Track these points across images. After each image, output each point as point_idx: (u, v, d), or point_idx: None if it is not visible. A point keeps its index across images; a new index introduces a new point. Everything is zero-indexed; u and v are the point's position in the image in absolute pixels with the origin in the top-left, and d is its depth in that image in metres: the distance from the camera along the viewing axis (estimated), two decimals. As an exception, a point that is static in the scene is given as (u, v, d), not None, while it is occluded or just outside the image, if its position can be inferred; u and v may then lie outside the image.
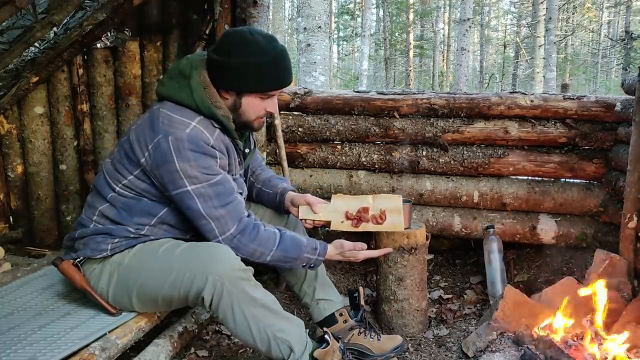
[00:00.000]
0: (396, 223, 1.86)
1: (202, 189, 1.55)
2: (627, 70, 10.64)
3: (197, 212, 1.56)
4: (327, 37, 6.36)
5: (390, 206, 1.89)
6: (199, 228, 1.59)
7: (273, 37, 1.62)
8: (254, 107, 1.66)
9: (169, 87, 1.62)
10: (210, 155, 1.56)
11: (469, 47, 12.11)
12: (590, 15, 20.46)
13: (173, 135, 1.52)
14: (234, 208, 1.60)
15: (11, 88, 2.57)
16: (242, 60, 1.56)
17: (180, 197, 1.56)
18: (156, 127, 1.55)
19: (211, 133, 1.57)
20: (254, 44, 1.56)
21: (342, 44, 25.55)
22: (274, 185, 1.98)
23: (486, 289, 2.48)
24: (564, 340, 1.80)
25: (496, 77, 17.84)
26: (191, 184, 1.54)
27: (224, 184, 1.59)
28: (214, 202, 1.56)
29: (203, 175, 1.54)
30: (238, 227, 1.59)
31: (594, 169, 2.54)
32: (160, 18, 2.77)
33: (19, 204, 2.83)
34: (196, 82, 1.58)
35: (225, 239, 1.58)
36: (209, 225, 1.57)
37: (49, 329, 1.57)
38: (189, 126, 1.54)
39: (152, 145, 1.54)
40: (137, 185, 1.61)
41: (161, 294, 1.57)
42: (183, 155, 1.51)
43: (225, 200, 1.58)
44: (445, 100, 2.64)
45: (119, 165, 1.63)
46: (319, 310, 1.99)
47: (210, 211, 1.56)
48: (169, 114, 1.56)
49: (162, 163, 1.53)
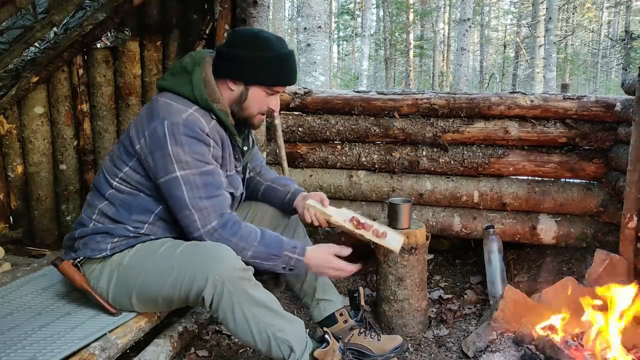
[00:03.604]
0: (393, 244, 1.87)
1: (191, 176, 1.54)
2: (627, 70, 10.63)
3: (181, 201, 1.55)
4: (327, 37, 6.36)
5: (393, 233, 1.93)
6: (181, 220, 1.58)
7: (283, 39, 1.69)
8: (258, 100, 1.68)
9: (169, 80, 1.66)
10: (204, 143, 1.56)
11: (469, 47, 12.11)
12: (590, 15, 20.47)
13: (169, 120, 1.54)
14: (219, 202, 1.59)
15: (11, 88, 2.57)
16: (254, 53, 1.61)
17: (168, 184, 1.55)
18: (154, 114, 1.58)
19: (207, 122, 1.59)
20: (265, 40, 1.63)
21: (342, 44, 25.56)
22: (284, 184, 2.00)
23: (486, 289, 2.48)
24: (564, 340, 1.80)
25: (496, 77, 17.86)
26: (181, 169, 1.53)
27: (213, 176, 1.58)
28: (200, 192, 1.55)
29: (194, 162, 1.54)
30: (220, 221, 1.57)
31: (594, 169, 2.54)
32: (160, 18, 2.77)
33: (19, 204, 2.83)
34: (198, 77, 1.61)
35: (206, 233, 1.56)
36: (192, 216, 1.55)
37: (49, 329, 1.57)
38: (186, 112, 1.56)
39: (149, 131, 1.56)
40: (132, 177, 1.62)
41: (161, 294, 1.57)
42: (177, 139, 1.52)
43: (212, 192, 1.57)
44: (445, 100, 2.64)
45: (116, 159, 1.65)
46: (319, 310, 1.99)
47: (195, 202, 1.54)
48: (167, 101, 1.60)
49: (156, 148, 1.54)
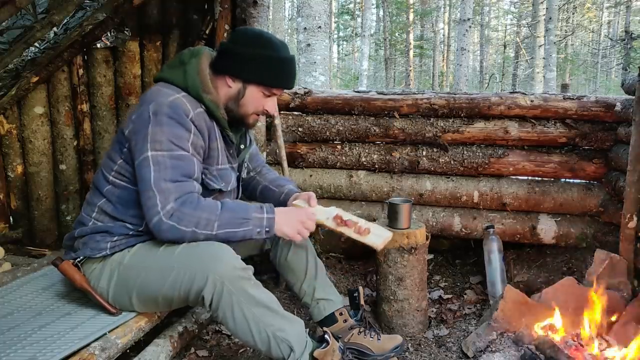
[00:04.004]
0: (375, 242, 1.83)
1: (161, 157, 1.51)
2: (627, 70, 10.63)
3: (147, 182, 1.50)
4: (327, 37, 6.36)
5: (379, 231, 1.90)
6: (145, 203, 1.52)
7: (286, 44, 1.69)
8: (255, 100, 1.69)
9: (165, 71, 1.69)
10: (185, 127, 1.55)
11: (469, 47, 12.11)
12: (590, 15, 20.47)
13: (155, 102, 1.55)
14: (182, 187, 1.53)
15: (11, 88, 2.57)
16: (256, 52, 1.62)
17: (140, 165, 1.53)
18: (143, 100, 1.60)
19: (194, 107, 1.58)
20: (268, 41, 1.64)
21: (342, 44, 25.55)
22: (280, 185, 2.00)
23: (486, 289, 2.48)
24: (564, 340, 1.80)
25: (496, 77, 17.85)
26: (152, 149, 1.51)
27: (184, 161, 1.55)
28: (166, 173, 1.51)
29: (168, 143, 1.52)
30: (178, 201, 1.51)
31: (594, 169, 2.54)
32: (160, 18, 2.77)
33: (19, 204, 2.83)
34: (192, 68, 1.63)
35: (165, 214, 1.49)
36: (153, 198, 1.49)
37: (49, 329, 1.57)
38: (173, 96, 1.57)
39: (136, 115, 1.58)
40: (125, 169, 1.61)
41: (161, 293, 1.57)
42: (158, 119, 1.52)
43: (178, 177, 1.52)
44: (445, 100, 2.64)
45: (112, 152, 1.67)
46: (319, 309, 1.99)
47: (158, 183, 1.50)
48: (158, 88, 1.62)
49: (139, 128, 1.54)
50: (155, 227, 1.51)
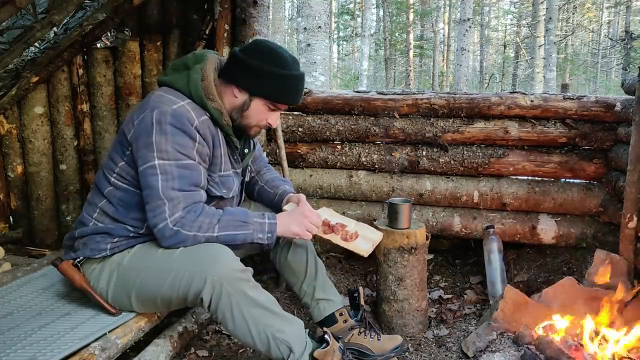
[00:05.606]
0: (362, 248, 1.83)
1: (168, 166, 1.52)
2: (627, 70, 10.64)
3: (155, 191, 1.51)
4: (327, 37, 6.36)
5: (367, 234, 1.89)
6: (151, 210, 1.53)
7: (297, 61, 1.69)
8: (259, 113, 1.68)
9: (169, 75, 1.67)
10: (190, 136, 1.55)
11: (469, 47, 12.10)
12: (590, 15, 20.48)
13: (159, 109, 1.54)
14: (190, 196, 1.56)
15: (11, 88, 2.58)
16: (266, 66, 1.61)
17: (145, 173, 1.53)
18: (146, 104, 1.59)
19: (198, 115, 1.58)
20: (280, 57, 1.63)
21: (342, 44, 25.55)
22: (275, 186, 1.99)
23: (486, 289, 2.48)
24: (564, 340, 1.80)
25: (496, 77, 17.85)
26: (159, 158, 1.52)
27: (190, 170, 1.56)
28: (174, 182, 1.52)
29: (174, 153, 1.53)
30: (185, 210, 1.54)
31: (594, 169, 2.54)
32: (160, 18, 2.78)
33: (19, 204, 2.83)
34: (196, 73, 1.61)
35: (172, 221, 1.51)
36: (162, 206, 1.51)
37: (49, 329, 1.57)
38: (177, 104, 1.56)
39: (139, 120, 1.56)
40: (127, 172, 1.61)
41: (160, 294, 1.57)
42: (162, 128, 1.52)
43: (185, 187, 1.54)
44: (445, 100, 2.64)
45: (113, 153, 1.66)
46: (319, 310, 1.98)
47: (167, 192, 1.51)
48: (161, 93, 1.60)
49: (142, 135, 1.54)
50: (159, 233, 1.53)
